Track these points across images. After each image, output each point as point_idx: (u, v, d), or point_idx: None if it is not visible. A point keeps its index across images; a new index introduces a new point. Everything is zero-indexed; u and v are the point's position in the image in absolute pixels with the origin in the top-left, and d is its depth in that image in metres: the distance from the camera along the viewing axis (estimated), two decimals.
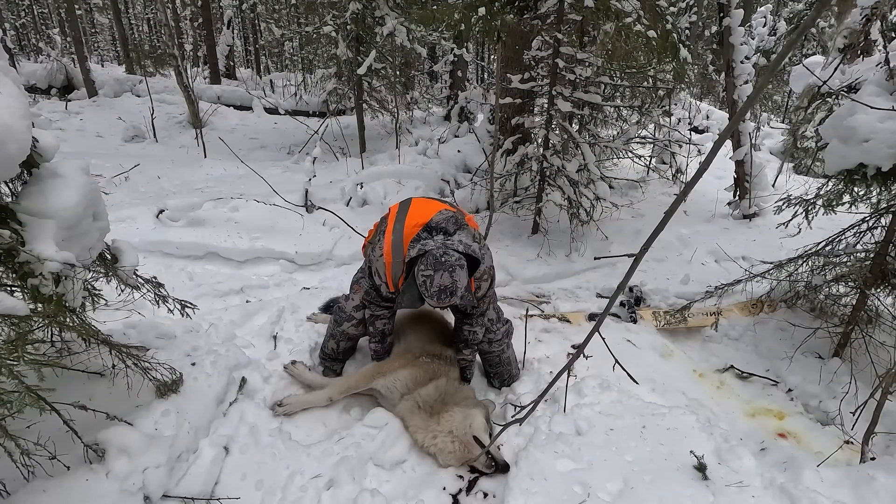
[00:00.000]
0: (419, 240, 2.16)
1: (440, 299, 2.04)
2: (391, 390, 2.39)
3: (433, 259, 2.04)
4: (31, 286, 1.55)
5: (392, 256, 2.23)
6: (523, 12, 4.29)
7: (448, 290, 2.02)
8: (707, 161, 0.93)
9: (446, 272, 2.02)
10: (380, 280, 2.32)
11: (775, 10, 14.98)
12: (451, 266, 2.03)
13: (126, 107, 9.24)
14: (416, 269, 2.09)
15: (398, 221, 2.30)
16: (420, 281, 2.07)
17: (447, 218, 2.24)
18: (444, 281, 2.01)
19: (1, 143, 1.43)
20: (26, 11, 21.50)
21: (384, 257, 2.25)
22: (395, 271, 2.24)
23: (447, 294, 2.03)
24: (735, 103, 4.97)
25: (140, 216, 3.99)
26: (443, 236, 2.17)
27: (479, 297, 2.37)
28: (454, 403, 2.27)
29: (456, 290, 2.03)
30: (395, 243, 2.23)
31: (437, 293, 2.03)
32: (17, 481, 1.61)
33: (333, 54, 7.09)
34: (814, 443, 2.67)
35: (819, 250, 3.23)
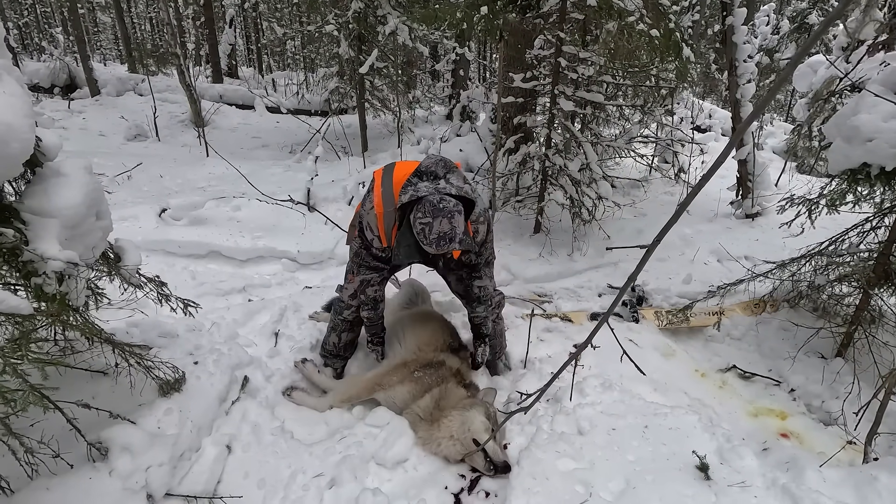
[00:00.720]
0: (410, 185, 2.10)
1: (439, 246, 2.00)
2: (391, 404, 2.43)
3: (430, 205, 1.99)
4: (34, 285, 1.56)
5: (383, 206, 2.18)
6: (525, 11, 4.29)
7: (447, 237, 1.99)
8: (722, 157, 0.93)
9: (444, 218, 1.97)
10: (372, 234, 2.25)
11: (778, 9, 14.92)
12: (448, 212, 1.98)
13: (128, 106, 9.25)
14: (413, 216, 2.03)
15: (385, 177, 2.25)
16: (418, 229, 2.01)
17: (436, 161, 2.18)
18: (444, 227, 1.97)
19: (4, 142, 1.43)
20: (29, 10, 21.54)
21: (374, 209, 2.19)
22: (387, 222, 2.19)
23: (446, 240, 1.99)
24: (738, 102, 4.96)
25: (142, 215, 4.00)
26: (433, 180, 2.12)
27: (480, 243, 2.33)
28: (451, 407, 2.29)
29: (455, 235, 2.00)
30: (386, 193, 2.18)
31: (436, 240, 1.99)
32: (21, 479, 1.61)
33: (335, 53, 7.10)
34: (816, 443, 2.67)
35: (822, 250, 3.22)
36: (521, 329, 3.10)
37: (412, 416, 2.35)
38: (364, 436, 2.27)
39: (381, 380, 2.49)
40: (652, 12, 3.85)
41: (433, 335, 2.72)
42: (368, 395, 2.48)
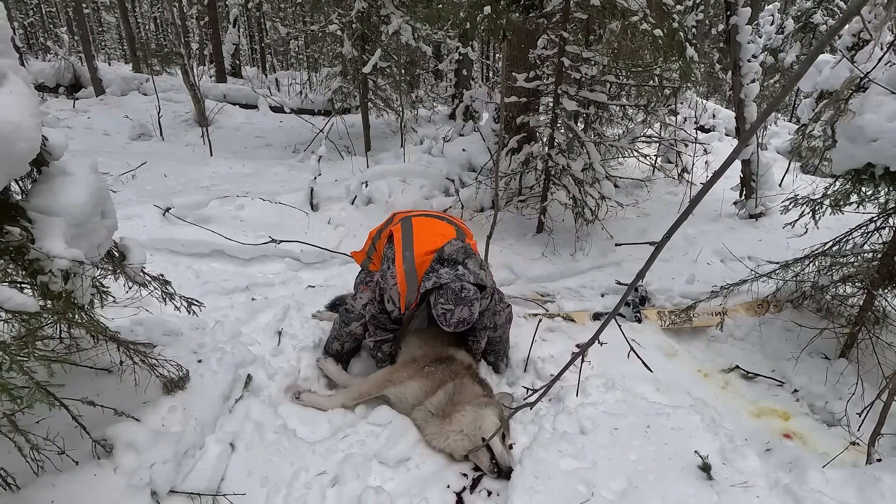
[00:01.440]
0: (433, 271, 2.29)
1: (457, 328, 2.25)
2: (402, 399, 2.43)
3: (452, 293, 2.20)
4: (40, 283, 1.57)
5: (407, 286, 2.36)
6: (529, 11, 4.29)
7: (466, 321, 2.23)
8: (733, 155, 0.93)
9: (465, 306, 2.20)
10: (393, 306, 2.43)
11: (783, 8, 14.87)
12: (469, 301, 2.20)
13: (133, 105, 9.30)
14: (433, 299, 2.25)
15: (406, 249, 2.41)
16: (439, 312, 2.23)
17: (457, 249, 2.35)
18: (463, 314, 2.20)
19: (11, 141, 1.45)
20: (35, 10, 21.66)
21: (398, 286, 2.36)
22: (409, 298, 2.38)
23: (464, 324, 2.23)
24: (742, 102, 4.94)
25: (147, 214, 4.02)
26: (453, 266, 2.30)
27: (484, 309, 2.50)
28: (466, 402, 2.28)
29: (472, 319, 2.24)
30: (409, 273, 2.36)
31: (455, 324, 2.22)
32: (27, 475, 1.63)
33: (339, 53, 7.11)
34: (819, 443, 2.66)
35: (826, 250, 3.21)
36: (524, 328, 3.11)
37: (424, 412, 2.34)
38: (366, 434, 2.27)
39: (391, 376, 2.50)
40: (655, 12, 3.85)
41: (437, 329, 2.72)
42: (379, 392, 2.48)
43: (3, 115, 1.40)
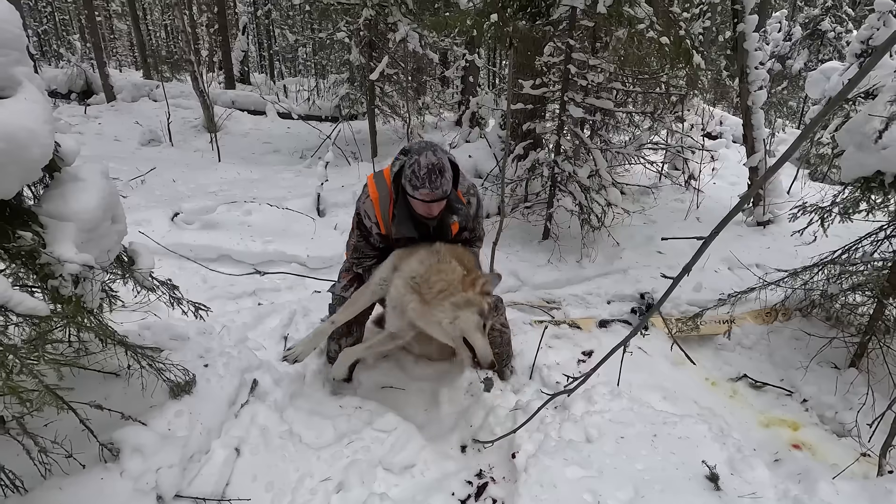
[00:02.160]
0: (397, 160, 2.22)
1: (432, 182, 2.04)
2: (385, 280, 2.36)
3: (415, 150, 2.11)
4: (51, 287, 1.59)
5: (378, 191, 2.29)
6: (535, 18, 4.31)
7: (437, 168, 2.05)
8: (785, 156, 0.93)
9: (430, 151, 2.08)
10: (370, 221, 2.35)
11: (790, 16, 14.84)
12: (433, 147, 2.11)
13: (143, 111, 9.41)
14: (403, 175, 2.12)
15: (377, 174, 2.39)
16: (408, 174, 2.08)
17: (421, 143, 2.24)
18: (430, 159, 2.05)
19: (25, 147, 1.47)
20: (48, 18, 22.04)
21: (370, 196, 2.31)
22: (382, 206, 2.30)
23: (437, 172, 2.04)
24: (749, 109, 4.93)
25: (156, 219, 4.06)
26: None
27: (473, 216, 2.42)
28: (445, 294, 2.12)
29: (444, 168, 2.06)
30: (378, 180, 2.31)
31: (427, 174, 2.04)
32: (35, 478, 1.64)
33: (346, 60, 7.17)
34: (829, 454, 2.62)
35: (835, 258, 3.18)
36: (530, 335, 3.10)
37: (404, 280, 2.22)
38: (372, 440, 2.27)
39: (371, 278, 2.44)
40: (662, 19, 3.86)
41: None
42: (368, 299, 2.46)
43: (19, 122, 1.43)
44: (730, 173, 6.94)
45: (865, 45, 6.10)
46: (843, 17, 13.37)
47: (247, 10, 15.52)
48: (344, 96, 7.75)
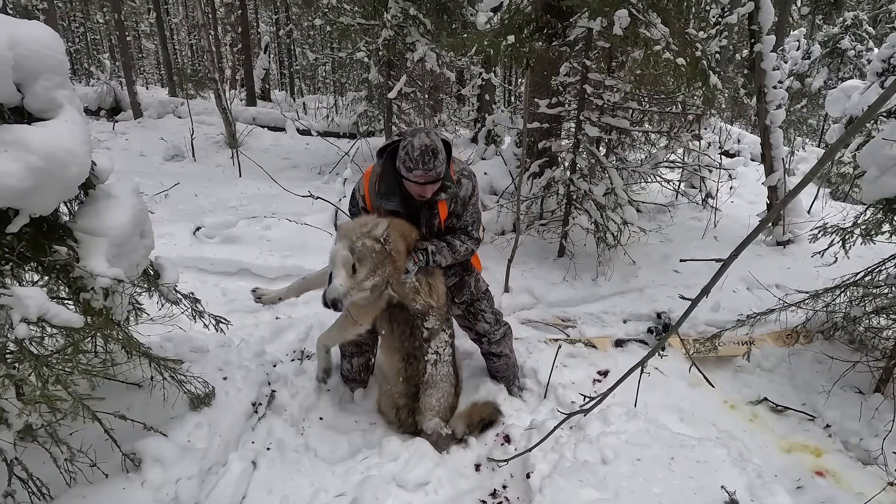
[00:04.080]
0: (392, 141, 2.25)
1: (424, 162, 2.05)
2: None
3: (409, 132, 2.14)
4: (83, 300, 1.66)
5: (371, 169, 2.33)
6: (552, 39, 4.37)
7: (430, 149, 2.05)
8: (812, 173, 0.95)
9: (423, 133, 2.09)
10: (359, 195, 2.38)
11: (809, 34, 14.77)
12: (426, 130, 2.12)
13: (168, 127, 9.70)
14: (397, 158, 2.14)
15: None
16: (402, 157, 2.10)
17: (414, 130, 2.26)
18: (424, 140, 2.06)
19: (64, 166, 1.55)
20: (80, 38, 22.95)
21: (364, 171, 2.36)
22: (371, 180, 2.32)
23: (430, 154, 2.05)
24: (767, 128, 4.90)
25: (178, 232, 4.16)
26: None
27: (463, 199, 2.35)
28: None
29: (437, 149, 2.07)
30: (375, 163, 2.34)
31: (420, 156, 2.05)
32: (60, 486, 1.69)
33: (365, 78, 7.34)
34: (854, 483, 2.55)
35: (858, 280, 3.13)
36: (545, 353, 3.09)
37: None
38: (386, 456, 2.28)
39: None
40: (678, 40, 3.88)
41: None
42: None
43: (60, 143, 1.51)
44: (748, 192, 6.87)
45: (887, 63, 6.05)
46: (864, 35, 13.26)
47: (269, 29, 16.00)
48: (362, 114, 7.90)
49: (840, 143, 1.10)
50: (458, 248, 2.39)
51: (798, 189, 1.27)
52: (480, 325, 2.66)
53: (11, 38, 1.49)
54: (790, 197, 1.28)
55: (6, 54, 1.46)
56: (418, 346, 2.39)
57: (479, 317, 2.65)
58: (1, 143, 1.44)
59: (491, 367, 2.85)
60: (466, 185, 2.37)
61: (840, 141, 1.08)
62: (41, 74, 1.56)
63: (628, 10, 3.55)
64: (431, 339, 2.40)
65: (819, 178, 6.92)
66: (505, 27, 4.38)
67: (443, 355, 2.45)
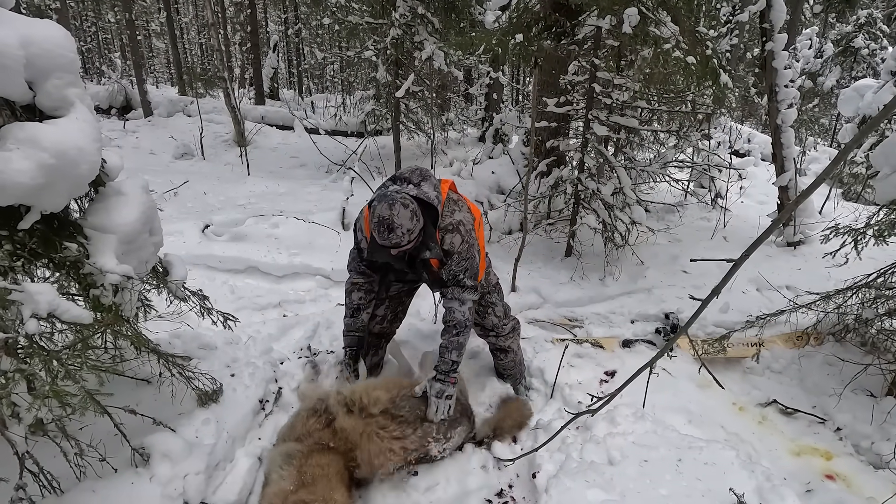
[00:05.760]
0: (383, 187, 2.28)
1: (380, 232, 2.05)
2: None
3: (381, 194, 2.17)
4: (92, 296, 1.67)
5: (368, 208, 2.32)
6: (560, 38, 4.35)
7: (385, 222, 2.03)
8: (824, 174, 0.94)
9: (386, 203, 2.06)
10: (361, 235, 2.39)
11: (821, 32, 14.59)
12: (391, 199, 2.07)
13: (178, 126, 9.77)
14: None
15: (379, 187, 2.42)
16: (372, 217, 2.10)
17: (412, 170, 2.29)
18: (384, 212, 2.04)
19: (75, 163, 1.57)
20: (92, 37, 23.20)
21: (364, 214, 2.36)
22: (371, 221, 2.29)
23: (384, 226, 2.03)
24: (778, 128, 4.85)
25: (187, 230, 4.19)
26: (404, 184, 2.23)
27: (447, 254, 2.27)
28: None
29: (393, 223, 2.03)
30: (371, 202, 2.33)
31: (377, 223, 2.05)
32: (70, 480, 1.70)
33: (373, 77, 7.34)
34: (865, 487, 2.51)
35: (870, 282, 3.08)
36: (552, 353, 3.08)
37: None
38: None
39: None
40: (688, 38, 3.85)
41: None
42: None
43: (71, 141, 1.52)
44: (758, 192, 6.80)
45: None
46: (878, 33, 13.09)
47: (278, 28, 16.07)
48: (370, 112, 7.91)
49: (854, 142, 1.08)
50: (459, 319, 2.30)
51: (811, 189, 1.25)
52: (489, 319, 2.64)
53: (24, 37, 1.50)
54: (803, 197, 1.26)
55: (18, 53, 1.47)
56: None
57: (490, 310, 2.64)
58: (13, 141, 1.45)
59: (498, 363, 2.84)
60: (449, 240, 2.27)
61: (854, 141, 1.06)
62: (53, 73, 1.58)
63: (638, 8, 3.53)
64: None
65: (831, 179, 6.83)
66: (513, 26, 4.36)
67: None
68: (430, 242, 2.20)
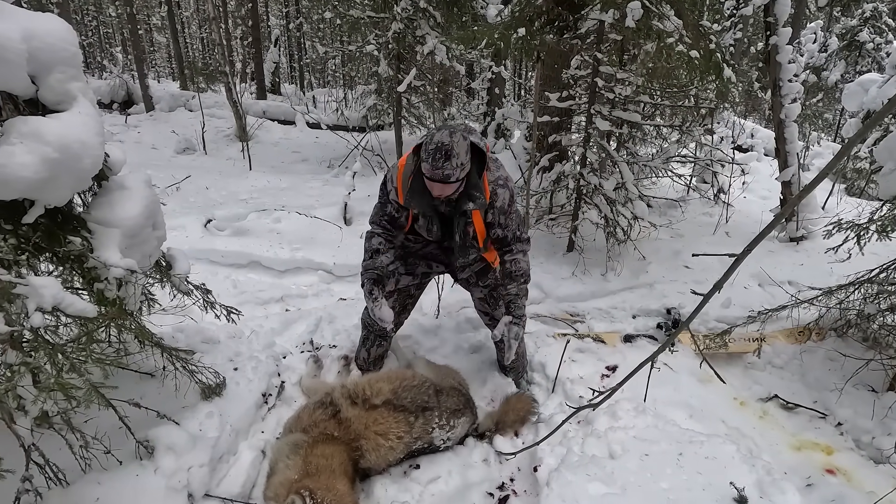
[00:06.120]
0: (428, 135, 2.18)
1: (434, 160, 2.00)
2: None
3: (437, 127, 2.11)
4: (96, 290, 1.68)
5: (407, 160, 2.28)
6: (563, 32, 4.33)
7: (445, 148, 1.99)
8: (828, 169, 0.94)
9: (446, 131, 2.03)
10: (391, 185, 2.33)
11: (826, 26, 14.48)
12: (451, 129, 2.04)
13: (179, 121, 9.77)
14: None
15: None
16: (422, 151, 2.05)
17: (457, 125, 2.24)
18: (443, 138, 2.00)
19: (78, 157, 1.57)
20: (93, 31, 23.15)
21: (398, 163, 2.32)
22: (405, 172, 2.28)
23: (442, 153, 1.98)
24: (782, 123, 4.83)
25: (190, 225, 4.21)
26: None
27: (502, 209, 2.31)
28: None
29: (452, 150, 1.99)
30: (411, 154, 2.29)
31: (434, 151, 2.00)
32: (75, 472, 1.72)
33: (375, 72, 7.32)
34: (866, 481, 2.52)
35: (872, 277, 3.08)
36: (553, 348, 3.09)
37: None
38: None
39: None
40: (692, 32, 3.83)
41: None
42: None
43: (73, 135, 1.53)
44: (761, 187, 6.78)
45: None
46: (883, 27, 12.99)
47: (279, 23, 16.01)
48: (371, 107, 7.90)
49: (857, 137, 1.08)
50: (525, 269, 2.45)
51: (815, 184, 1.25)
52: (500, 311, 2.64)
53: (26, 31, 1.50)
54: (806, 192, 1.26)
55: (21, 46, 1.47)
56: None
57: (501, 301, 2.63)
58: (17, 135, 1.46)
59: (503, 356, 2.83)
60: (503, 195, 2.31)
61: (858, 135, 1.06)
62: (55, 67, 1.58)
63: (641, 1, 3.51)
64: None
65: (834, 174, 6.81)
66: (515, 20, 4.34)
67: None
68: (475, 193, 2.19)
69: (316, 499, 1.78)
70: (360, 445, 2.08)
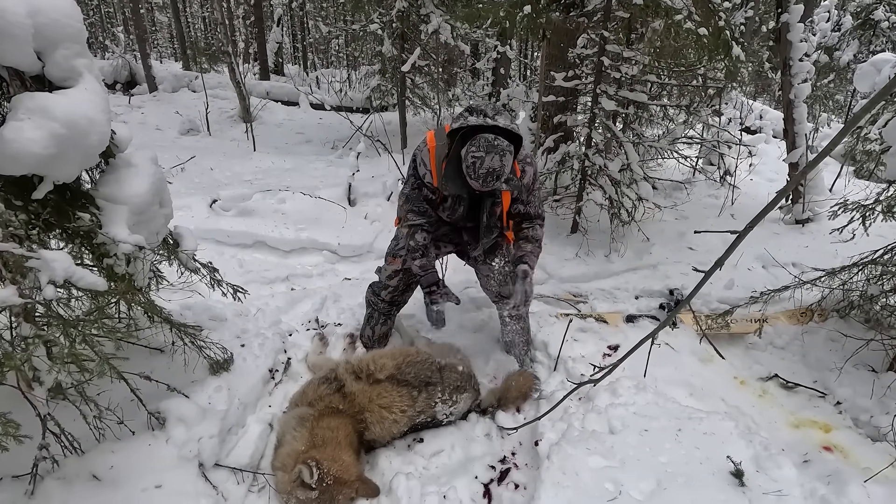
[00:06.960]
0: (461, 117, 2.23)
1: (486, 182, 2.14)
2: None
3: (485, 141, 2.12)
4: (106, 266, 1.71)
5: (436, 140, 2.33)
6: (569, 10, 4.27)
7: (496, 173, 2.13)
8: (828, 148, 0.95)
9: (497, 155, 2.11)
10: (425, 168, 2.37)
11: (840, 4, 14.12)
12: (501, 150, 2.12)
13: (183, 101, 9.72)
14: (465, 150, 2.16)
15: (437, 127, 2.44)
16: (469, 162, 2.14)
17: (486, 104, 2.29)
18: (494, 163, 2.10)
19: (85, 134, 1.58)
20: (94, 11, 22.89)
21: (427, 144, 2.36)
22: (438, 155, 2.33)
23: (493, 177, 2.13)
24: (791, 103, 4.76)
25: (195, 205, 4.23)
26: (482, 116, 2.21)
27: (527, 188, 2.43)
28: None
29: (503, 173, 2.15)
30: (438, 131, 2.35)
31: (484, 175, 2.12)
32: (90, 441, 1.78)
33: (378, 51, 7.24)
34: (863, 458, 2.56)
35: (876, 258, 3.07)
36: (556, 328, 3.12)
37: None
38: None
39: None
40: (701, 9, 3.76)
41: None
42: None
43: (80, 111, 1.54)
44: (768, 169, 6.72)
45: None
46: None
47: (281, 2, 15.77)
48: (375, 88, 7.83)
49: (864, 111, 1.07)
50: (540, 236, 2.57)
51: (818, 159, 1.24)
52: (506, 288, 2.68)
53: (31, 6, 1.50)
54: (809, 167, 1.26)
55: (26, 22, 1.47)
56: None
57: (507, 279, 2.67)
58: (24, 111, 1.47)
59: (508, 331, 2.86)
60: (530, 173, 2.41)
61: (864, 110, 1.05)
62: (61, 43, 1.58)
63: None
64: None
65: (843, 156, 6.72)
66: None
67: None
68: (510, 176, 2.29)
69: (322, 469, 1.83)
70: (365, 418, 2.13)
